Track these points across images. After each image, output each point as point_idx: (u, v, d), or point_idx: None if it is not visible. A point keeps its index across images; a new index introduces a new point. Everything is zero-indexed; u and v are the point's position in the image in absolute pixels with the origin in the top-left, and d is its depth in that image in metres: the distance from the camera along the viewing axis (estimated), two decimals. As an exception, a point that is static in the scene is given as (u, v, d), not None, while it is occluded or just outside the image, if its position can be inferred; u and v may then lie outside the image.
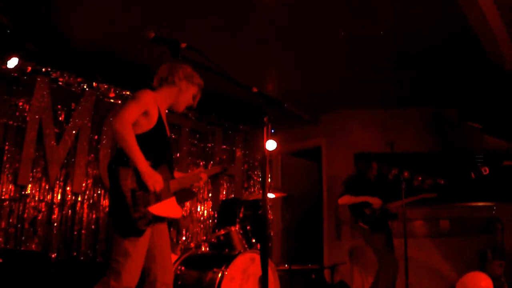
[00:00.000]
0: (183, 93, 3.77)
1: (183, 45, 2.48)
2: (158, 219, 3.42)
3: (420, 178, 6.62)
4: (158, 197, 3.39)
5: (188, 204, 8.37)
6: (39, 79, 6.61)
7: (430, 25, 5.73)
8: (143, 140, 3.38)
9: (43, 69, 6.67)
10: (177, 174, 3.99)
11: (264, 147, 2.61)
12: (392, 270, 6.41)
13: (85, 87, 7.09)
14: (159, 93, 3.70)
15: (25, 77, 6.55)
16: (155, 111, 3.51)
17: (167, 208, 3.49)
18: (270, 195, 6.43)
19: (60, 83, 6.88)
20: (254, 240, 5.70)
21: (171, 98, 3.76)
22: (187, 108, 3.95)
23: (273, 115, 2.60)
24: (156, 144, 3.52)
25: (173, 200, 3.58)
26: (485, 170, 6.48)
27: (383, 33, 5.94)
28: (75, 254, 6.68)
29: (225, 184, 9.29)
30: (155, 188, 3.32)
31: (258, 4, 5.40)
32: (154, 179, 3.31)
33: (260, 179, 9.87)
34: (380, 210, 6.52)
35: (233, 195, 9.22)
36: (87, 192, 6.98)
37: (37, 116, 6.50)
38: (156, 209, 3.36)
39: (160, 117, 3.56)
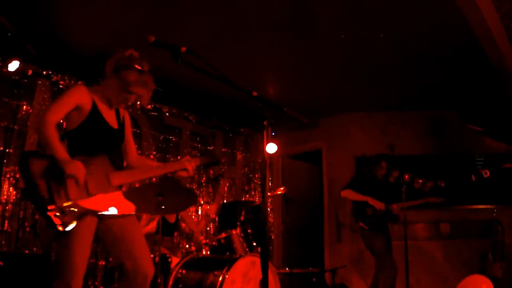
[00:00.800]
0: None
1: (183, 49, 2.48)
2: (99, 215, 3.22)
3: (420, 181, 6.63)
4: (90, 192, 3.14)
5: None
6: (40, 82, 6.62)
7: (430, 27, 5.72)
8: (76, 134, 3.29)
9: (44, 72, 6.68)
10: (152, 163, 3.91)
11: (265, 151, 2.60)
12: (391, 273, 6.38)
13: (86, 90, 7.08)
14: (99, 86, 3.53)
15: (26, 80, 6.56)
16: (87, 104, 3.31)
17: (109, 202, 3.25)
18: (277, 192, 6.40)
19: (61, 86, 6.88)
20: (255, 243, 5.69)
21: (106, 93, 3.47)
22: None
23: (273, 118, 2.59)
24: (89, 137, 3.31)
25: (117, 194, 3.33)
26: (486, 173, 6.49)
27: (383, 36, 5.94)
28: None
29: (225, 187, 9.29)
30: (76, 176, 3.03)
31: (258, 8, 5.40)
32: (72, 166, 3.03)
33: (260, 182, 9.88)
34: (382, 211, 6.49)
35: (233, 198, 9.22)
36: (88, 195, 6.96)
37: (38, 119, 6.50)
38: (89, 203, 3.12)
39: (94, 110, 3.34)
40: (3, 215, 6.15)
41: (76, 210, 3.05)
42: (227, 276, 4.83)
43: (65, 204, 3.02)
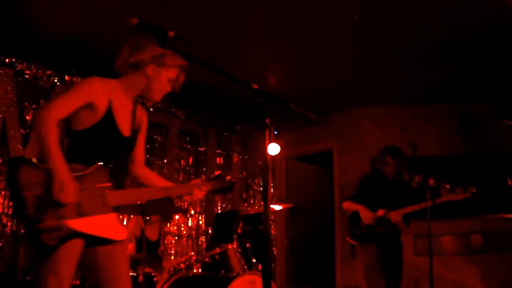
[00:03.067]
0: (153, 80, 3.49)
1: (171, 33, 2.47)
2: (88, 238, 3.21)
3: (448, 186, 6.56)
4: (82, 211, 3.12)
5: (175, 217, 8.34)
6: (1, 71, 6.60)
7: (458, 8, 5.71)
8: (81, 138, 3.30)
9: (7, 60, 6.66)
10: (160, 181, 3.85)
11: (266, 152, 2.58)
12: None
13: (55, 80, 7.07)
14: (119, 81, 3.52)
15: (-15, 69, 6.56)
16: (103, 103, 3.32)
17: (100, 226, 3.22)
18: (275, 207, 6.42)
19: (27, 76, 6.86)
20: (254, 260, 5.70)
21: (137, 87, 3.53)
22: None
23: (276, 115, 2.58)
24: (95, 143, 3.32)
25: (111, 217, 3.31)
26: (524, 177, 6.46)
27: (403, 17, 5.92)
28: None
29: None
30: (60, 199, 2.99)
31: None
32: (63, 187, 3.02)
33: (261, 188, 9.87)
34: (376, 221, 6.40)
35: (229, 207, 9.21)
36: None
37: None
38: (79, 224, 3.10)
39: (109, 112, 3.36)
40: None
41: (63, 230, 3.05)
42: (222, 299, 4.84)
43: (51, 224, 3.01)
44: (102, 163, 3.28)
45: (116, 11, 5.65)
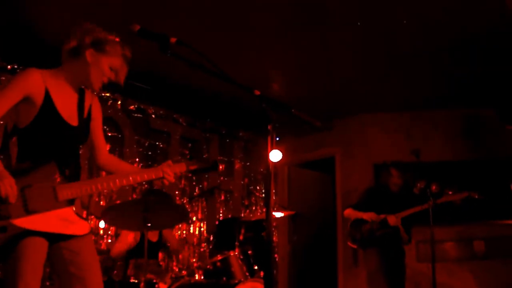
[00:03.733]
0: (92, 65, 3.31)
1: (173, 40, 2.47)
2: (47, 236, 3.11)
3: (451, 192, 6.57)
4: (31, 208, 3.03)
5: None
6: (3, 78, 6.59)
7: (463, 12, 5.70)
8: (25, 134, 3.20)
9: (9, 67, 6.65)
10: (130, 168, 3.76)
11: (268, 159, 2.57)
12: None
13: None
14: (59, 70, 3.41)
15: (-14, 76, 6.55)
16: (40, 93, 3.18)
17: (55, 222, 3.12)
18: (277, 214, 6.41)
19: (29, 83, 6.85)
20: (256, 267, 5.68)
21: (78, 75, 3.37)
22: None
23: (279, 121, 2.57)
24: (40, 137, 3.21)
25: (67, 211, 3.19)
26: (528, 182, 6.45)
27: (407, 23, 5.93)
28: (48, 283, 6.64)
29: (222, 201, 9.26)
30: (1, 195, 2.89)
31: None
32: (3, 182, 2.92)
33: (263, 195, 9.85)
34: (378, 225, 6.42)
35: (231, 215, 9.19)
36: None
37: (1, 122, 6.48)
38: (28, 222, 3.01)
39: (48, 101, 3.21)
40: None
41: (9, 231, 2.97)
42: (224, 306, 4.83)
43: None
44: (49, 158, 3.18)
45: (117, 17, 5.65)
